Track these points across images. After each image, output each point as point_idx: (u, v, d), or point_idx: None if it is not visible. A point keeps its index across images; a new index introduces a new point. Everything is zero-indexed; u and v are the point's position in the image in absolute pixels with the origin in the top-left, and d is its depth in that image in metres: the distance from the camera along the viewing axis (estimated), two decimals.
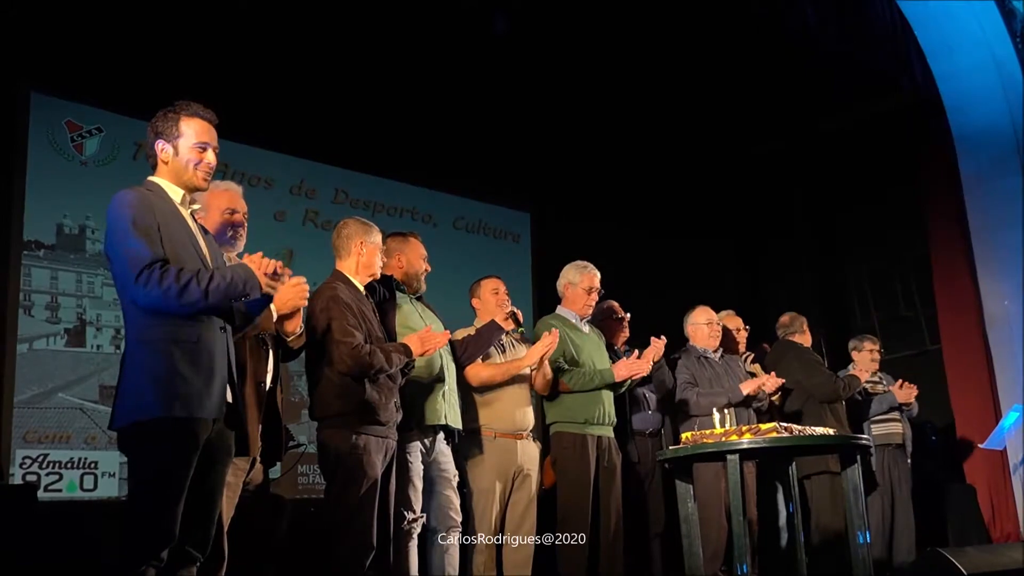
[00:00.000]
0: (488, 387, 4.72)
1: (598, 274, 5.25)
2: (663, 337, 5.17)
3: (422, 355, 4.12)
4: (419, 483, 4.27)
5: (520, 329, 4.83)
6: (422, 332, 4.10)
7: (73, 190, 6.27)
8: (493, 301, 4.93)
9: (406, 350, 4.02)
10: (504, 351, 4.86)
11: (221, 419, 2.89)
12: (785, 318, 6.34)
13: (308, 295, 3.47)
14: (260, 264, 2.89)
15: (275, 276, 2.91)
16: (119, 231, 2.81)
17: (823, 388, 5.92)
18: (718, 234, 9.40)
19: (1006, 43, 7.39)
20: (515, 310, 4.78)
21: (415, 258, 4.56)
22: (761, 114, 8.27)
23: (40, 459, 5.86)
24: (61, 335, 6.11)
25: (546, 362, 4.80)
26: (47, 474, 5.86)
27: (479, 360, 4.73)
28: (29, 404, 5.88)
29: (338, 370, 3.88)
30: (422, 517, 4.26)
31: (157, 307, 2.76)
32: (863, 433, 6.05)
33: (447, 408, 4.40)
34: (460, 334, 4.75)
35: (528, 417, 4.81)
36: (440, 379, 4.41)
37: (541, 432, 5.17)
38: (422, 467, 4.31)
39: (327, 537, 3.83)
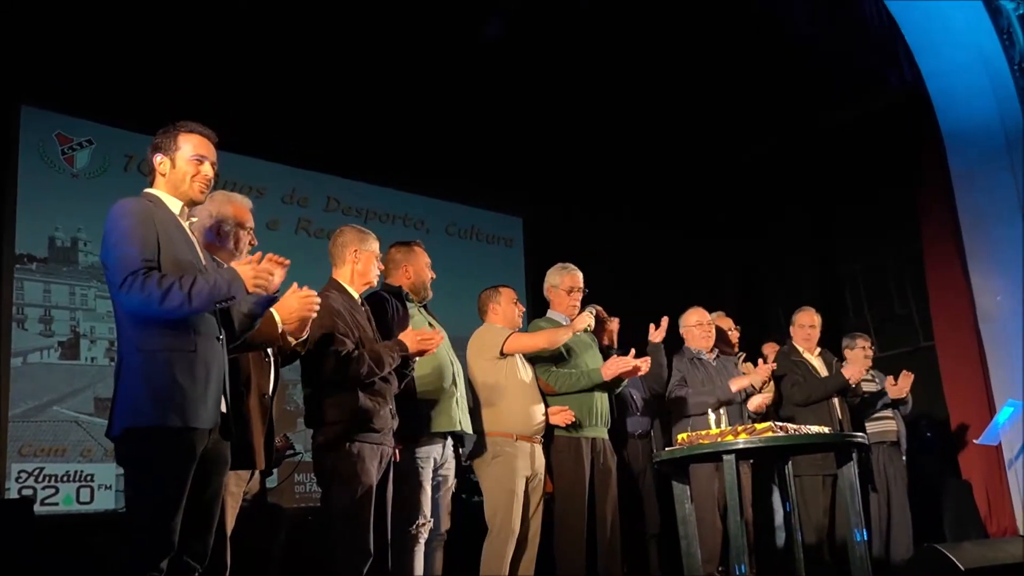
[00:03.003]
0: (502, 390, 4.74)
1: (580, 274, 5.26)
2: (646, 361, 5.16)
3: (418, 354, 4.09)
4: (429, 488, 4.30)
5: None
6: (417, 332, 4.08)
7: (65, 203, 6.27)
8: (515, 311, 5.00)
9: (400, 346, 4.00)
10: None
11: (216, 430, 2.90)
12: None
13: (317, 307, 3.43)
14: (253, 265, 2.88)
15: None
16: (113, 238, 2.83)
17: (790, 393, 6.02)
18: (713, 234, 9.42)
19: (993, 40, 7.40)
20: None
21: (421, 267, 4.57)
22: (753, 114, 8.28)
23: (36, 473, 5.85)
24: (55, 348, 6.11)
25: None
26: (43, 487, 5.85)
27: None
28: (24, 418, 5.88)
29: (331, 378, 3.88)
30: (430, 522, 4.27)
31: (141, 312, 2.78)
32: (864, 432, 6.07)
33: (460, 414, 4.45)
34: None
35: (543, 422, 4.83)
36: (453, 386, 4.45)
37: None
38: (431, 473, 4.34)
39: (324, 545, 3.83)
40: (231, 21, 6.18)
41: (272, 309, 3.27)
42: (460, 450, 4.55)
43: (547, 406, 4.92)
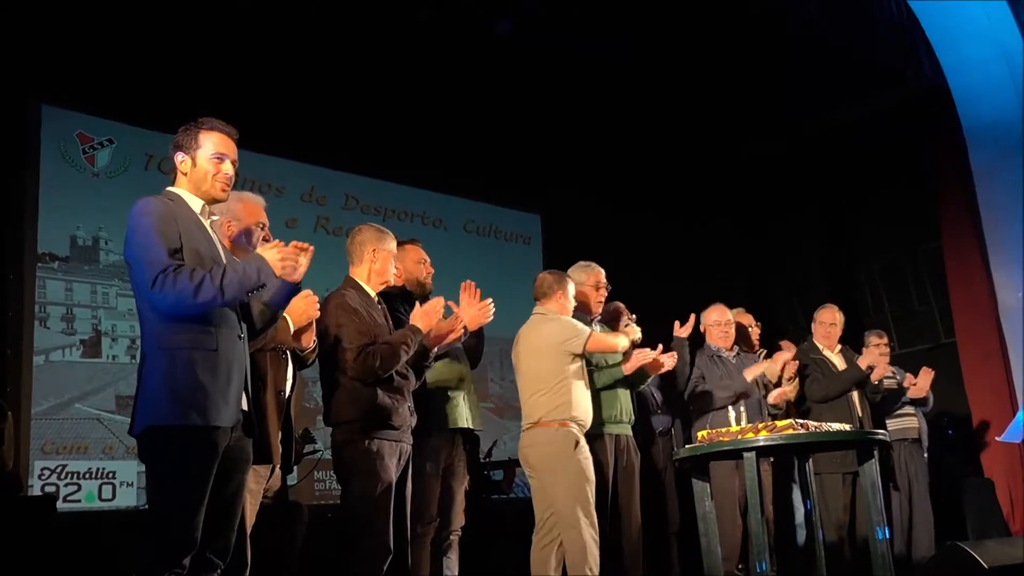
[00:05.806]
0: (577, 383, 4.66)
1: (603, 271, 5.24)
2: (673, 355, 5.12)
3: (439, 340, 4.11)
4: (436, 487, 4.31)
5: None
6: (421, 308, 4.04)
7: (86, 202, 6.31)
8: (570, 306, 4.90)
9: (414, 330, 3.99)
10: None
11: (239, 427, 2.91)
12: None
13: (319, 307, 3.50)
14: (279, 248, 2.90)
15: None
16: (139, 237, 2.83)
17: (809, 389, 5.99)
18: (729, 231, 9.39)
19: (1014, 34, 7.36)
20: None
21: (411, 264, 4.57)
22: (768, 109, 8.23)
23: (58, 470, 5.89)
24: (77, 346, 6.14)
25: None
26: (65, 485, 5.90)
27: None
28: (46, 415, 5.92)
29: (348, 375, 3.89)
30: (436, 521, 4.29)
31: (175, 311, 2.78)
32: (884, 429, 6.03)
33: (468, 412, 4.46)
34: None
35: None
36: (460, 382, 4.46)
37: None
38: (439, 471, 4.35)
39: (344, 542, 3.84)
40: (250, 20, 6.19)
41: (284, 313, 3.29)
42: (479, 447, 4.56)
43: None
